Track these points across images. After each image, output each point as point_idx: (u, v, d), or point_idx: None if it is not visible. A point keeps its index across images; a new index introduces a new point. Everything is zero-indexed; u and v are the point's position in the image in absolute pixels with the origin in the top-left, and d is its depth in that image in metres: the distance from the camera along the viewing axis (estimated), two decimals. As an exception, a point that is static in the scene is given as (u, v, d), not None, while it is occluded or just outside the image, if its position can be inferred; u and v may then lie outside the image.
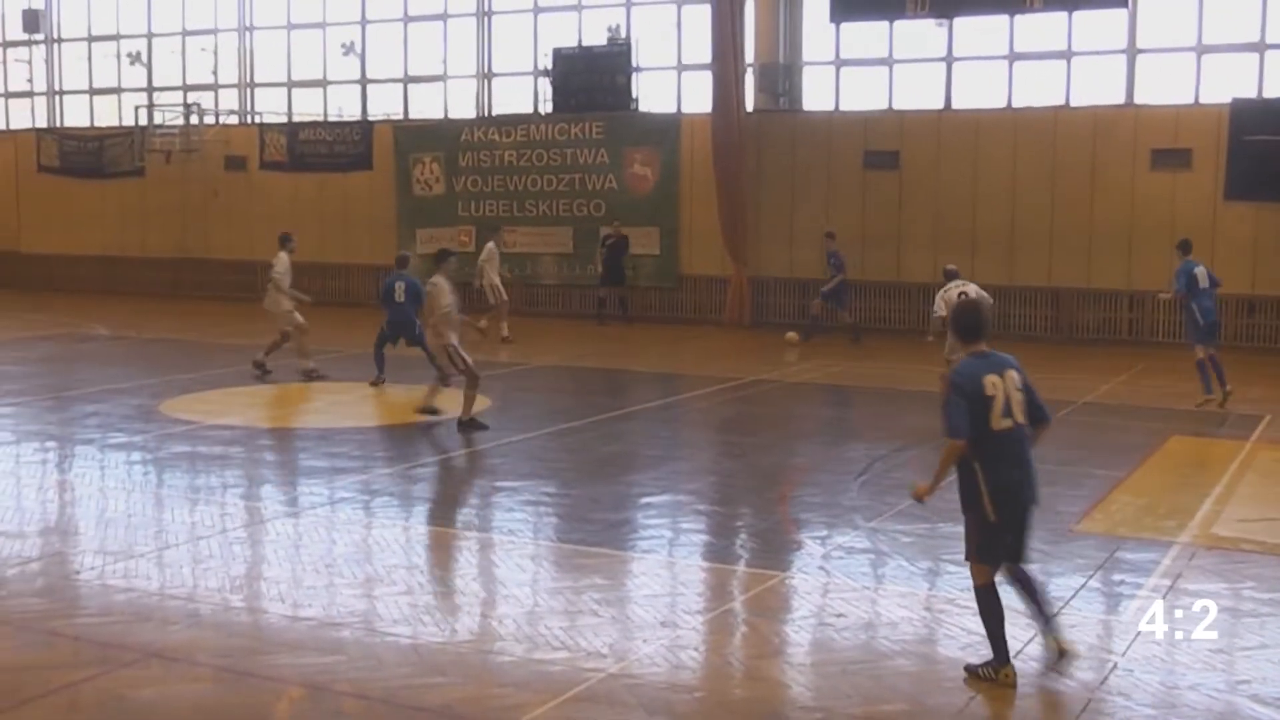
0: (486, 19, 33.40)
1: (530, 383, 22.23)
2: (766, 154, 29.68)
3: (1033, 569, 8.78)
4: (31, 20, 39.81)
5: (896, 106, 29.09)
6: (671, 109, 31.36)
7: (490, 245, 27.19)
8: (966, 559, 8.59)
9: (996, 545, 8.39)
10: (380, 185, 34.12)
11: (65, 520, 13.28)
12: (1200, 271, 19.15)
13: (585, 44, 31.88)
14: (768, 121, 29.85)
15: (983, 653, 8.48)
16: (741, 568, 11.35)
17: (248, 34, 37.15)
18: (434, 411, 17.85)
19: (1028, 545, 8.58)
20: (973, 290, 17.60)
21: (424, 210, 33.44)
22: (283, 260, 21.78)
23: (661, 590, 10.47)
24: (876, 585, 10.55)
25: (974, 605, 8.59)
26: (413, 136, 33.82)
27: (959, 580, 10.45)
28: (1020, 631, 8.84)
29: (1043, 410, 8.75)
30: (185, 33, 38.12)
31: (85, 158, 39.39)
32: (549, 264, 31.83)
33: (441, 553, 11.67)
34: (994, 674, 8.31)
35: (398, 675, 8.35)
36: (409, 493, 13.77)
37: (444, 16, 33.97)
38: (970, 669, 8.45)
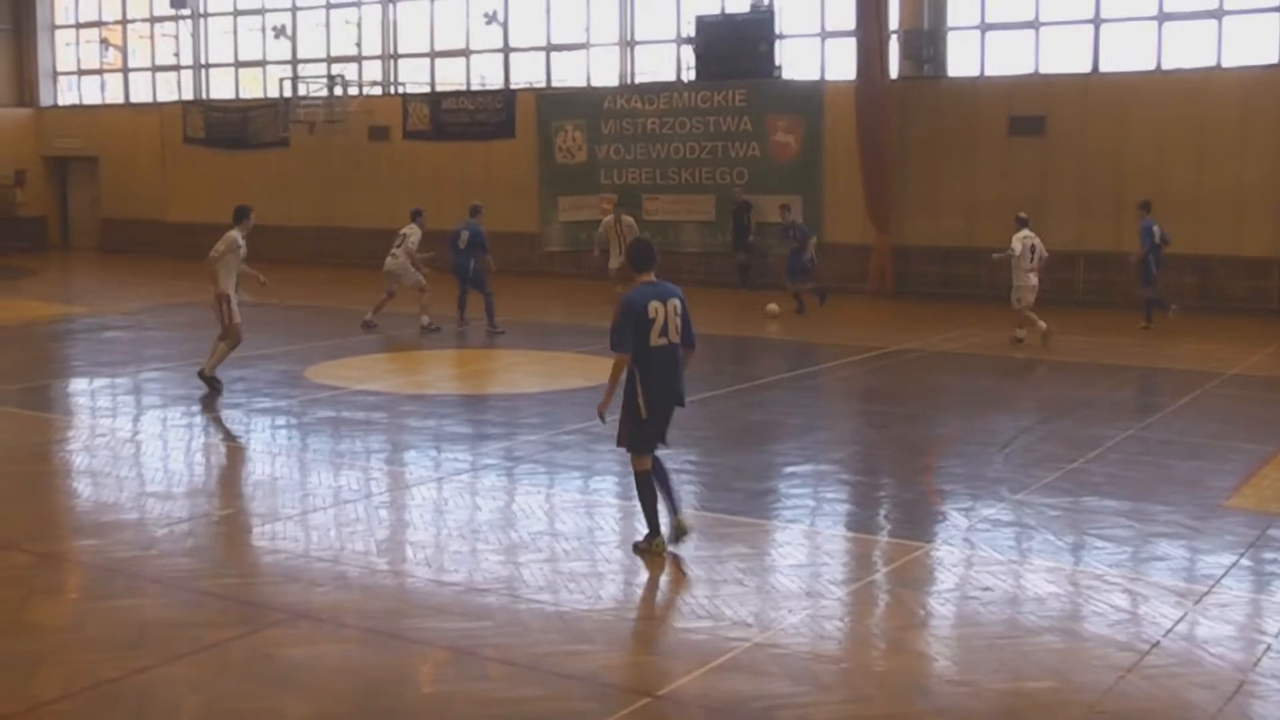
0: (629, -15, 33.42)
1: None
2: (910, 121, 29.37)
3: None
4: (179, -5, 40.56)
5: (1042, 71, 28.63)
6: (814, 76, 31.14)
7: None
8: (619, 444, 10.36)
9: (647, 437, 10.16)
10: (522, 154, 34.32)
11: (212, 483, 13.59)
12: (1156, 229, 23.40)
13: (728, 11, 31.74)
14: (912, 88, 29.55)
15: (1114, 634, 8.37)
16: (885, 538, 11.30)
17: (391, 5, 37.52)
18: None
19: (666, 434, 10.34)
20: (1036, 242, 21.64)
21: (566, 178, 33.59)
22: (415, 232, 23.65)
23: (805, 560, 10.45)
24: (1022, 559, 10.42)
25: (1121, 582, 9.08)
26: (555, 105, 33.95)
27: (1107, 555, 10.37)
28: (1170, 610, 8.74)
29: (691, 336, 10.33)
30: (329, 5, 38.64)
31: (230, 129, 40.11)
32: (691, 232, 31.80)
33: (584, 520, 11.73)
34: (649, 544, 10.22)
35: (543, 642, 8.42)
36: (552, 459, 13.86)
37: (588, -17, 34.05)
38: (635, 546, 10.37)
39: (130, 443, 15.42)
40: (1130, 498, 12.20)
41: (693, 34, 31.85)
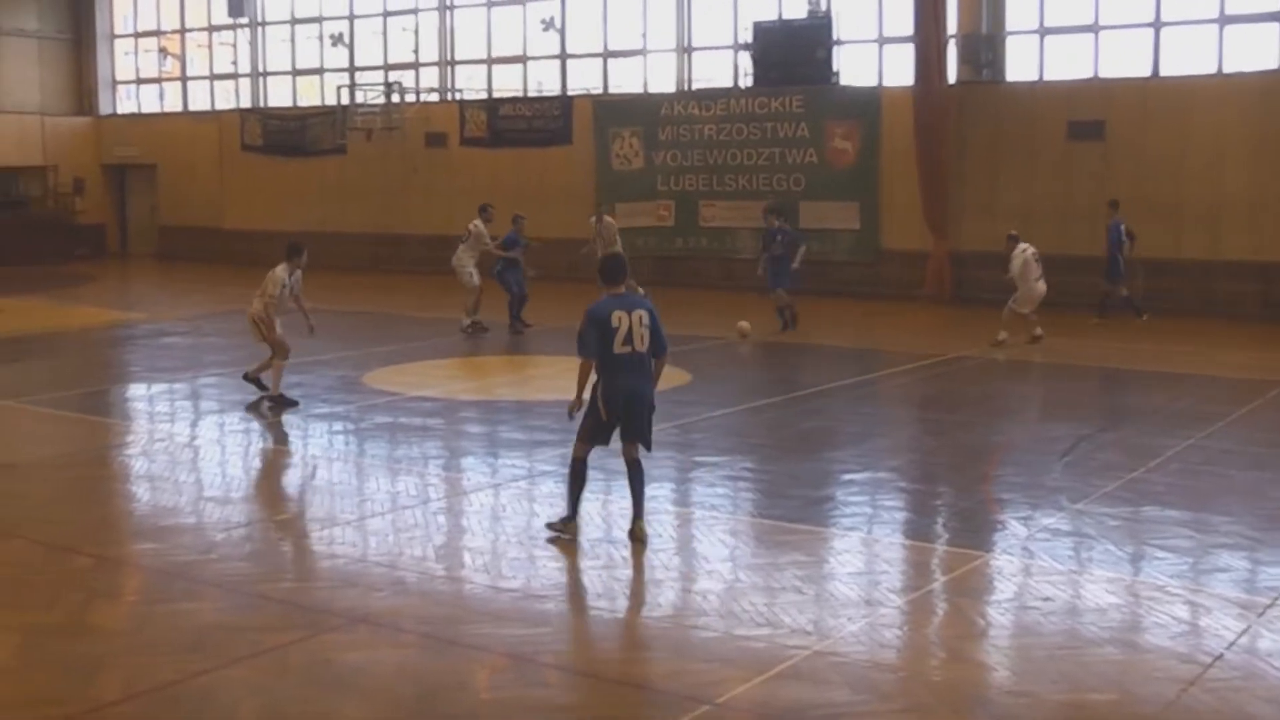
0: (686, -8, 33.44)
1: (728, 358, 22.24)
2: (968, 126, 29.24)
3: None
4: (237, 5, 40.93)
5: (1101, 75, 28.44)
6: (872, 82, 31.06)
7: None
8: (578, 440, 10.86)
9: (601, 434, 10.77)
10: (579, 160, 34.37)
11: (269, 487, 13.66)
12: (1124, 227, 24.95)
13: (786, 17, 31.69)
14: (970, 93, 29.41)
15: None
16: (943, 547, 11.22)
17: (448, 12, 37.66)
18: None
19: (646, 434, 10.86)
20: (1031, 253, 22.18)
21: (623, 185, 33.60)
22: (479, 227, 24.16)
23: (863, 568, 10.41)
24: (1082, 569, 10.31)
25: (1183, 594, 9.12)
26: (612, 111, 33.99)
27: (1168, 566, 10.27)
28: (1232, 622, 8.66)
29: (662, 345, 10.79)
30: (386, 13, 38.83)
31: (287, 136, 40.37)
32: (746, 238, 31.66)
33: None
34: (563, 527, 10.83)
35: (600, 649, 8.43)
36: (608, 466, 13.81)
37: (644, -10, 34.08)
38: (549, 525, 10.98)
39: (188, 447, 15.52)
40: (1191, 508, 12.06)
41: (750, 40, 31.81)
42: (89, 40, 45.18)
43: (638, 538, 10.65)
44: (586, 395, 10.74)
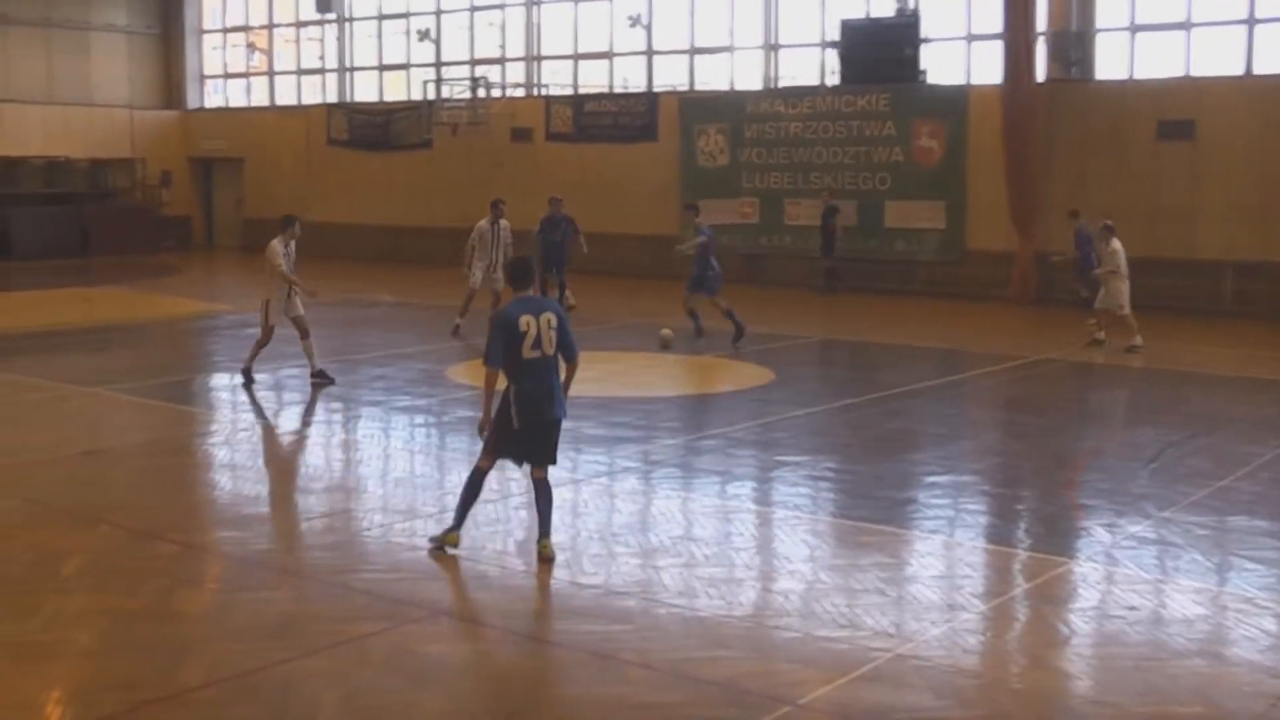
0: (774, -10, 33.31)
1: (811, 357, 22.17)
2: (1057, 125, 28.92)
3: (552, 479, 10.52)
4: (324, 0, 41.12)
5: (1193, 73, 28.05)
6: (959, 80, 30.83)
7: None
8: (483, 453, 10.47)
9: (510, 446, 10.36)
10: (664, 156, 34.32)
11: (351, 479, 13.72)
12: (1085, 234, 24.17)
13: (873, 15, 31.50)
14: (1059, 92, 29.09)
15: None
16: (1027, 552, 11.08)
17: (535, 8, 37.71)
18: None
19: (552, 453, 10.46)
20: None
21: (707, 182, 33.50)
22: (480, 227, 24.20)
23: (945, 571, 10.32)
24: (1168, 578, 10.14)
25: (1272, 606, 9.04)
26: (698, 108, 33.93)
27: (1256, 578, 10.12)
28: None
29: (571, 349, 10.48)
30: (473, 8, 38.95)
31: (373, 131, 40.60)
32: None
33: (722, 525, 11.67)
34: (443, 538, 10.44)
35: (682, 647, 8.39)
36: (690, 464, 13.82)
37: (731, -13, 33.99)
38: (431, 539, 10.56)
39: (270, 437, 15.66)
40: (1282, 518, 11.90)
41: (837, 37, 31.65)
42: (177, 35, 45.72)
43: (545, 557, 10.20)
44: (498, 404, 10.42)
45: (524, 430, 10.25)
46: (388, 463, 14.28)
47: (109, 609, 9.16)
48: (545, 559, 10.20)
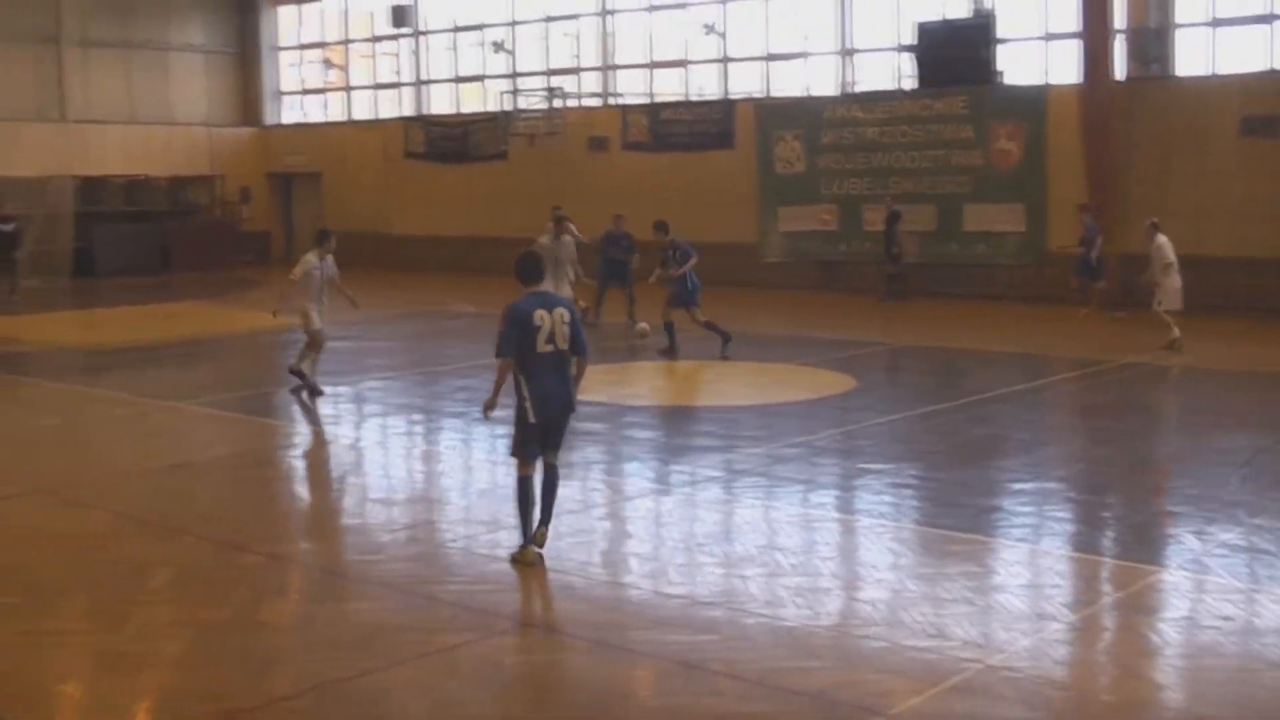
0: (848, -6, 33.17)
1: (891, 363, 22.03)
2: (1137, 124, 28.50)
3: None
4: (400, 15, 41.55)
5: (1277, 67, 27.59)
6: (1036, 80, 30.53)
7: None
8: (511, 455, 10.60)
9: (533, 443, 10.44)
10: (741, 164, 34.22)
11: (434, 490, 13.77)
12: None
13: (948, 16, 31.26)
14: (1138, 89, 28.67)
15: None
16: (1116, 561, 10.93)
17: (609, 17, 37.75)
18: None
19: (560, 444, 10.68)
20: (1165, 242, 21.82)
21: (785, 188, 33.40)
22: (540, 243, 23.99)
23: (1033, 580, 10.18)
24: (1262, 587, 9.93)
25: None
26: (774, 114, 33.81)
27: (1358, 585, 9.90)
28: None
29: (583, 344, 10.57)
30: (548, 19, 39.00)
31: (450, 143, 40.80)
32: (910, 242, 31.27)
33: (807, 534, 11.61)
34: (521, 555, 10.37)
35: (770, 657, 8.33)
36: (773, 473, 13.74)
37: (805, -8, 33.87)
38: (511, 558, 10.44)
39: (352, 449, 15.74)
40: (1379, 524, 11.66)
41: (912, 40, 31.45)
42: (254, 53, 46.26)
43: (539, 542, 10.45)
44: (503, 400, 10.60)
45: (540, 424, 10.39)
46: (470, 474, 14.31)
47: (196, 620, 9.24)
48: (539, 545, 10.46)
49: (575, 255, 24.06)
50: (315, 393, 18.38)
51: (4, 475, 14.18)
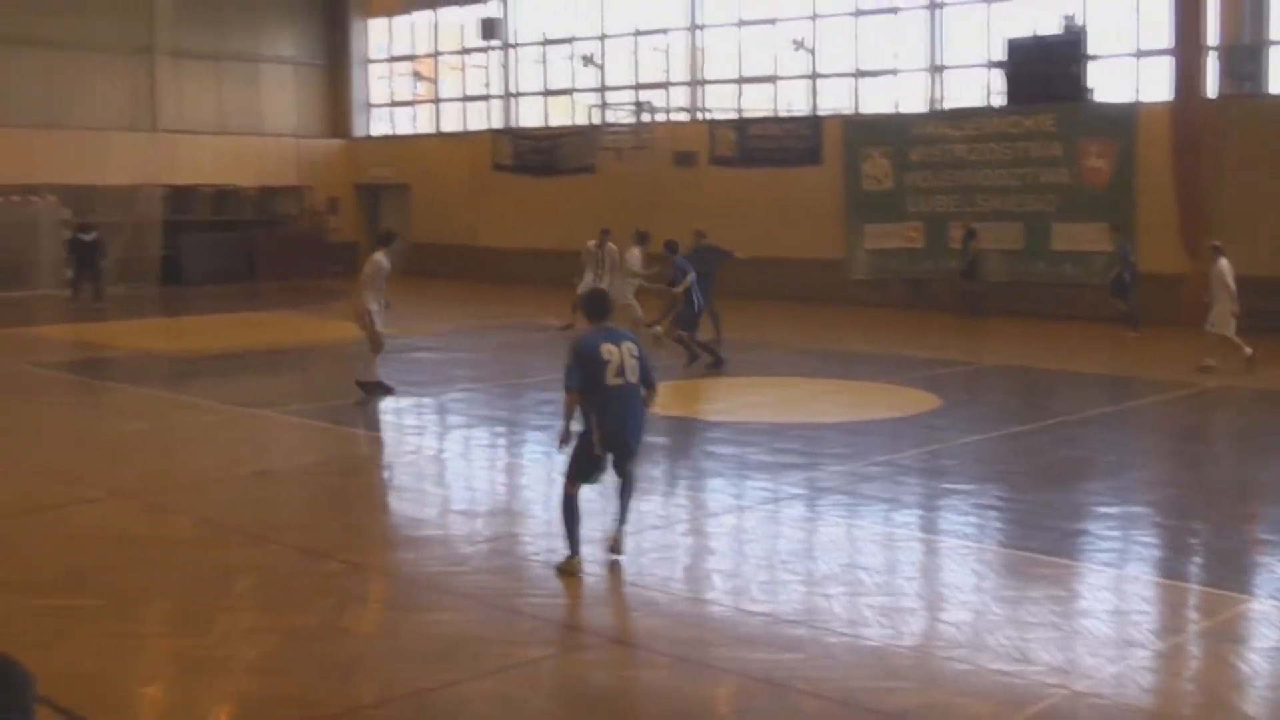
0: (938, 10, 32.97)
1: (977, 382, 21.86)
2: (1229, 142, 28.07)
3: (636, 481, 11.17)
4: (489, 28, 41.76)
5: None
6: (1127, 98, 30.21)
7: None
8: (566, 477, 10.79)
9: (592, 471, 10.76)
10: (828, 180, 34.09)
11: (516, 502, 13.81)
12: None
13: (1039, 33, 31.01)
14: (1231, 107, 28.21)
15: None
16: (1205, 588, 10.75)
17: (698, 32, 37.76)
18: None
19: (634, 466, 11.02)
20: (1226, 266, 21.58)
21: (872, 205, 33.24)
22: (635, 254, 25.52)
23: (1119, 606, 10.03)
24: (1358, 616, 9.77)
25: None
26: (863, 131, 33.67)
27: None
28: None
29: (650, 376, 10.74)
30: (637, 33, 39.06)
31: (538, 156, 40.94)
32: (999, 261, 31.02)
33: (890, 553, 11.55)
34: (567, 564, 10.51)
35: (854, 677, 8.27)
36: (857, 491, 13.66)
37: (895, 9, 33.71)
38: (557, 567, 10.59)
39: (436, 460, 15.81)
40: None
41: (1002, 57, 31.22)
42: (343, 66, 46.77)
43: (616, 545, 10.80)
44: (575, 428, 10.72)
45: (604, 456, 10.67)
46: (552, 488, 14.28)
47: (280, 626, 9.31)
48: (617, 548, 10.81)
49: (627, 264, 24.87)
50: (387, 391, 18.72)
51: (90, 479, 14.38)
